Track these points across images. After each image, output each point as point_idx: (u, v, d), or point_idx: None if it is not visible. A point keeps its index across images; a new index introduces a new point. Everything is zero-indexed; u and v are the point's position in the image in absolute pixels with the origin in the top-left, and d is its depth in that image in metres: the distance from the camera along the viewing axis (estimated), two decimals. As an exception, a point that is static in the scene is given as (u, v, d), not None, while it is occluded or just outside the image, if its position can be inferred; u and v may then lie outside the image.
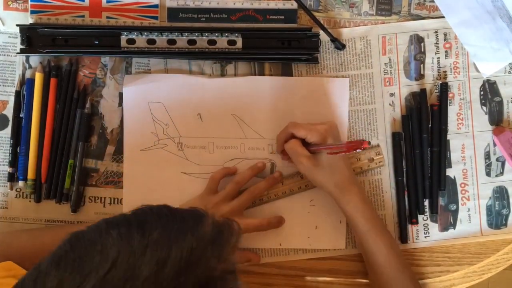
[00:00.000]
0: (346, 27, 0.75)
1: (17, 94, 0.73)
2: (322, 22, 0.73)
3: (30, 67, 0.74)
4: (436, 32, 0.74)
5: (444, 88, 0.74)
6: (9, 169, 0.74)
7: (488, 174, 0.75)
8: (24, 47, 0.72)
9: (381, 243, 0.68)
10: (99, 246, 0.39)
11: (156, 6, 0.74)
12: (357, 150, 0.59)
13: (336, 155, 0.64)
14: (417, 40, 0.74)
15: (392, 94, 0.74)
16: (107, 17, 0.74)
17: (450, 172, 0.75)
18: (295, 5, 0.74)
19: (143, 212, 0.43)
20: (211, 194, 0.71)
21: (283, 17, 0.74)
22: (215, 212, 0.68)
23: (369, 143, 0.58)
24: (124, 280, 0.37)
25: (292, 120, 0.71)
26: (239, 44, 0.72)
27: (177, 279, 0.38)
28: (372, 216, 0.69)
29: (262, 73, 0.75)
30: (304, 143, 0.69)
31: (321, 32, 0.72)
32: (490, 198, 0.75)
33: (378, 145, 0.74)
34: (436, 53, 0.75)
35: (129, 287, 0.36)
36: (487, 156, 0.75)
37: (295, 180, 0.73)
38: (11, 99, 0.74)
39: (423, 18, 0.74)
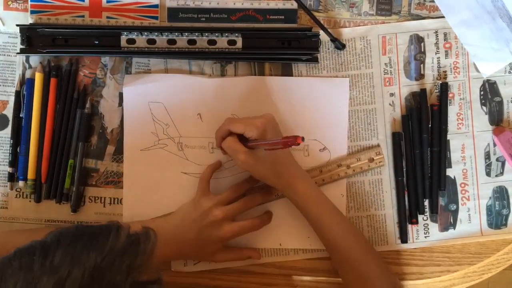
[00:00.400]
0: (346, 27, 0.75)
1: (17, 94, 0.73)
2: (322, 22, 0.73)
3: (30, 67, 0.74)
4: (436, 32, 0.74)
5: (444, 88, 0.74)
6: (9, 169, 0.74)
7: (488, 174, 0.75)
8: (24, 47, 0.72)
9: (336, 227, 0.67)
10: (3, 280, 0.40)
11: (156, 6, 0.74)
12: (293, 146, 0.58)
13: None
14: (417, 40, 0.74)
15: (392, 94, 0.75)
16: (107, 17, 0.74)
17: (450, 172, 0.75)
18: (295, 5, 0.74)
19: (52, 236, 0.44)
20: (204, 195, 0.70)
21: (283, 17, 0.74)
22: (208, 216, 0.67)
23: (303, 138, 0.56)
24: None
25: (292, 120, 0.71)
26: (239, 44, 0.72)
27: None
28: (322, 200, 0.68)
29: (262, 73, 0.75)
30: (244, 138, 0.67)
31: (321, 32, 0.72)
32: (490, 198, 0.75)
33: (378, 145, 0.74)
34: (436, 53, 0.75)
35: None
36: (487, 156, 0.75)
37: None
38: (11, 99, 0.74)
39: (423, 18, 0.74)
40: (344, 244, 0.67)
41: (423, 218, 0.74)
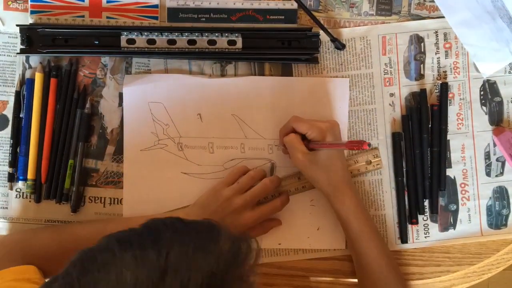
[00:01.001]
0: (346, 27, 0.75)
1: (17, 94, 0.73)
2: (322, 22, 0.73)
3: (30, 67, 0.74)
4: (436, 32, 0.74)
5: (444, 88, 0.74)
6: (9, 169, 0.74)
7: (488, 174, 0.75)
8: (24, 47, 0.72)
9: (372, 245, 0.68)
10: (114, 270, 0.37)
11: (156, 6, 0.74)
12: (356, 149, 0.60)
13: (335, 154, 0.65)
14: (417, 40, 0.74)
15: (392, 94, 0.74)
16: (107, 17, 0.74)
17: (450, 172, 0.75)
18: (295, 5, 0.74)
19: (155, 226, 0.41)
20: (226, 185, 0.70)
21: (283, 17, 0.74)
22: (230, 205, 0.68)
23: (369, 145, 0.59)
24: None
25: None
26: (239, 44, 0.72)
27: None
28: (365, 217, 0.69)
29: (262, 73, 0.75)
30: (305, 139, 0.69)
31: (321, 32, 0.72)
32: (490, 198, 0.75)
33: (376, 148, 0.74)
34: (436, 53, 0.75)
35: None
36: (487, 156, 0.75)
37: (292, 181, 0.73)
38: (11, 99, 0.74)
39: (423, 18, 0.74)
40: (375, 265, 0.68)
41: (423, 218, 0.74)
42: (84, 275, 0.37)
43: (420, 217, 0.74)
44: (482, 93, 0.75)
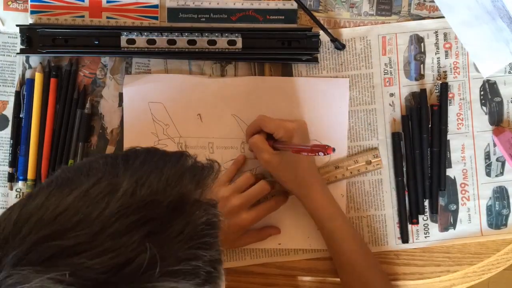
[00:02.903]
0: (346, 27, 0.75)
1: (17, 94, 0.73)
2: (322, 22, 0.73)
3: (30, 67, 0.74)
4: (436, 32, 0.74)
5: (444, 88, 0.74)
6: (9, 169, 0.74)
7: (488, 174, 0.75)
8: (24, 47, 0.72)
9: (347, 242, 0.68)
10: (86, 169, 0.42)
11: (156, 6, 0.74)
12: (320, 154, 0.59)
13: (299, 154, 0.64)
14: (417, 40, 0.74)
15: (392, 94, 0.75)
16: (107, 17, 0.74)
17: (450, 172, 0.75)
18: (295, 5, 0.74)
19: (131, 148, 0.48)
20: (222, 186, 0.70)
21: (283, 17, 0.74)
22: (226, 205, 0.67)
23: (334, 150, 0.58)
24: (104, 194, 0.39)
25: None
26: (239, 44, 0.72)
27: (154, 196, 0.40)
28: (337, 213, 0.69)
29: (262, 73, 0.75)
30: (271, 139, 0.69)
31: (321, 32, 0.72)
32: (490, 198, 0.75)
33: (375, 148, 0.74)
34: (436, 53, 0.75)
35: (108, 200, 0.38)
36: (487, 156, 0.75)
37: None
38: (11, 99, 0.74)
39: (423, 18, 0.74)
40: (353, 262, 0.68)
41: (423, 218, 0.74)
42: (63, 173, 0.43)
43: (420, 217, 0.74)
44: (482, 93, 0.75)
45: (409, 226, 0.74)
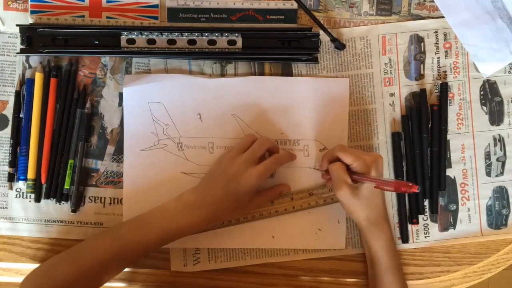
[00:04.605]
0: (346, 27, 0.75)
1: (17, 94, 0.73)
2: (322, 22, 0.73)
3: (30, 67, 0.74)
4: (436, 32, 0.74)
5: (444, 88, 0.74)
6: (9, 169, 0.74)
7: (488, 174, 0.75)
8: (24, 47, 0.72)
9: (395, 283, 0.68)
10: None
11: (156, 6, 0.74)
12: (404, 190, 0.59)
13: (376, 190, 0.65)
14: (417, 40, 0.74)
15: (392, 94, 0.75)
16: (107, 17, 0.74)
17: (450, 172, 0.75)
18: (295, 5, 0.74)
19: None
20: (228, 152, 0.70)
21: (283, 17, 0.74)
22: (231, 166, 0.67)
23: (419, 188, 0.58)
24: None
25: (292, 120, 0.71)
26: (239, 44, 0.73)
27: None
28: (395, 255, 0.69)
29: (262, 73, 0.75)
30: (348, 169, 0.68)
31: (321, 32, 0.72)
32: (490, 198, 0.75)
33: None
34: (436, 53, 0.75)
35: None
36: (487, 156, 0.75)
37: (302, 196, 0.74)
38: (11, 99, 0.74)
39: (423, 18, 0.74)
40: None
41: (423, 218, 0.74)
42: None
43: (420, 217, 0.74)
44: (482, 93, 0.75)
45: (409, 226, 0.74)
